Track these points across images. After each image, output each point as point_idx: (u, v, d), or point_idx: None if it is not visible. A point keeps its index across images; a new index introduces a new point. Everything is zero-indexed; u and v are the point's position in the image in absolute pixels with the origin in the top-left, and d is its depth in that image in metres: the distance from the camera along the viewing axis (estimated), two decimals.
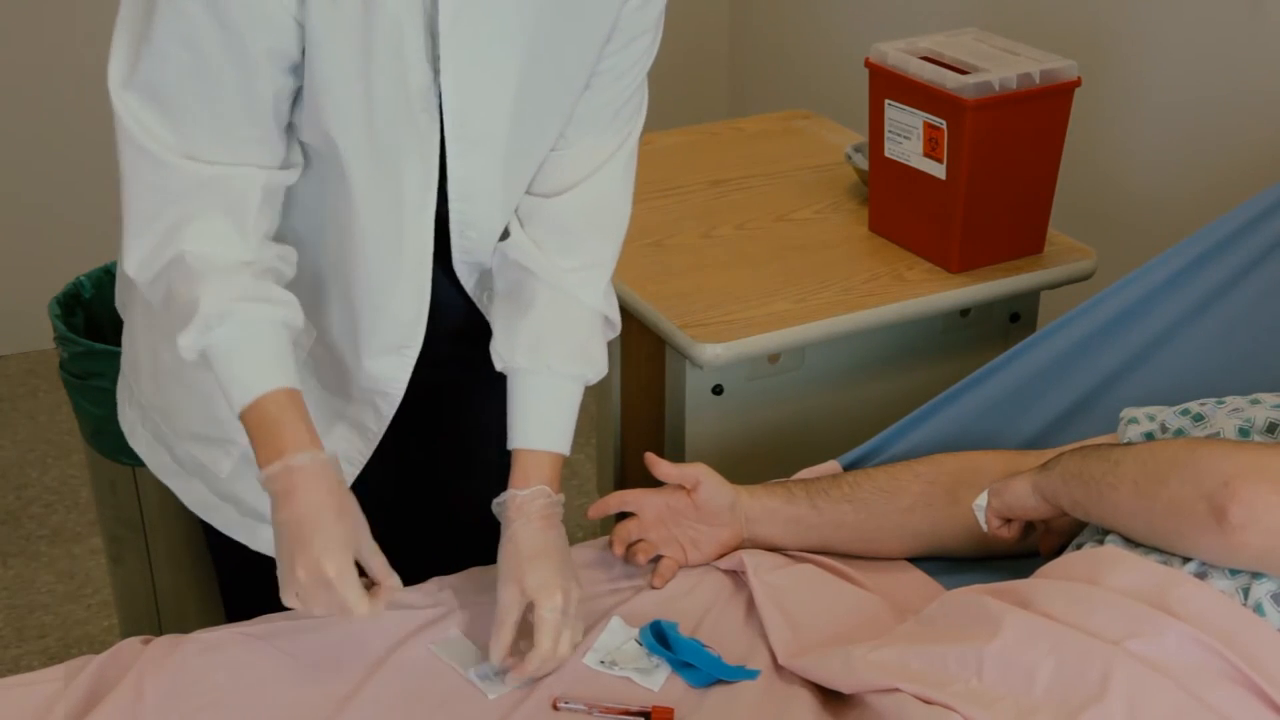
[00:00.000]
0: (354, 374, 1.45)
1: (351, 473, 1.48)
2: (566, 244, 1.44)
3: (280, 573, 1.27)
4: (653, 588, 1.48)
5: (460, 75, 1.29)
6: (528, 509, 1.40)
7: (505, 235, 1.45)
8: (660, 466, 1.51)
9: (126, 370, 1.56)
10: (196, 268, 1.27)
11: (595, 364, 1.46)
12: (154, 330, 1.46)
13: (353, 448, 1.49)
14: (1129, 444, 1.34)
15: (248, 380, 1.29)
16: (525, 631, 1.35)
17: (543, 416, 1.44)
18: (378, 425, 1.48)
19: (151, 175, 1.27)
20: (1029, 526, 1.43)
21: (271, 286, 1.31)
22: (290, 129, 1.32)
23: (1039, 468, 1.38)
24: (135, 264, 1.30)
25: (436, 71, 1.29)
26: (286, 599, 1.27)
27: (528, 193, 1.45)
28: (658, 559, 1.51)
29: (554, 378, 1.43)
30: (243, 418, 1.29)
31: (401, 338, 1.43)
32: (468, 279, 1.47)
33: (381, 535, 1.54)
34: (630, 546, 1.51)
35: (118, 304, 1.62)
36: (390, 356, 1.44)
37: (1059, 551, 1.43)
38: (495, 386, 1.46)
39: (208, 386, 1.41)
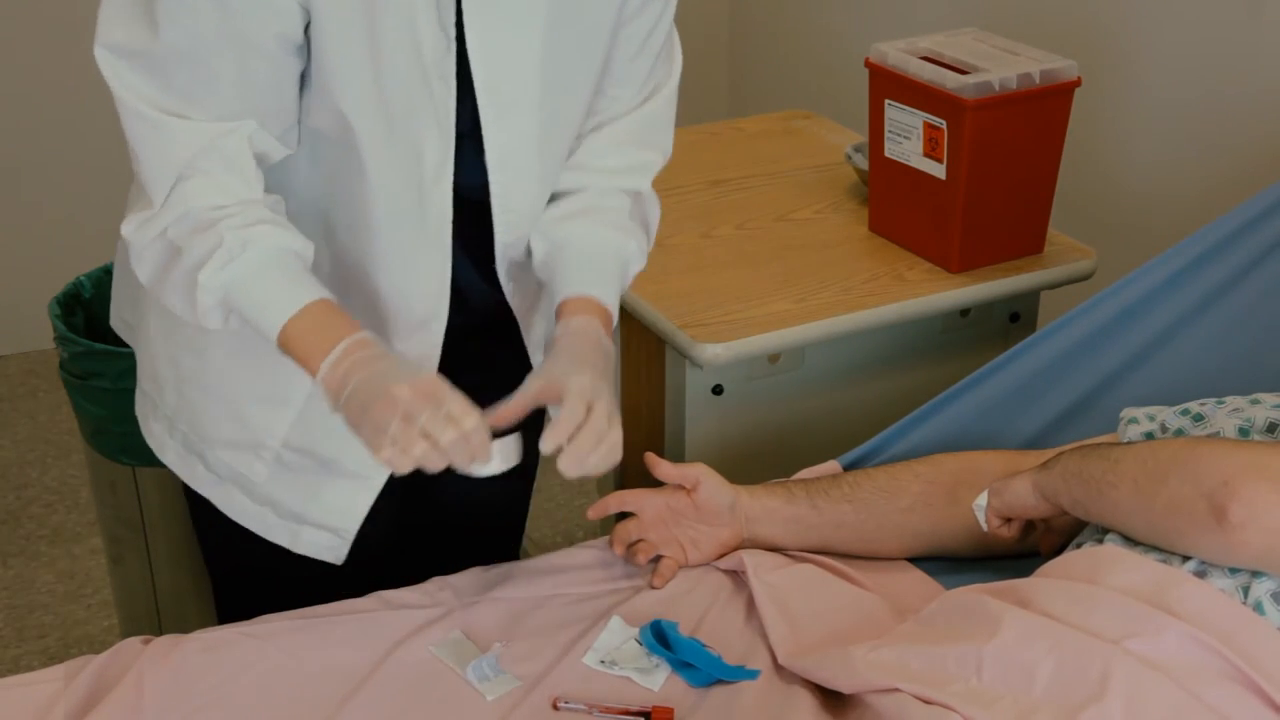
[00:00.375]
0: None
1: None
2: (614, 151, 1.46)
3: (366, 433, 1.22)
4: (652, 587, 1.48)
5: (486, 41, 1.29)
6: (573, 326, 1.36)
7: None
8: (660, 467, 1.51)
9: (147, 386, 1.53)
10: (206, 216, 1.26)
11: (636, 255, 1.45)
12: (174, 338, 1.45)
13: None
14: (1129, 443, 1.34)
15: (281, 301, 1.26)
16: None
17: (585, 269, 1.41)
18: None
19: (150, 135, 1.27)
20: (1029, 526, 1.43)
21: (285, 219, 1.30)
22: (295, 116, 1.32)
23: (1039, 467, 1.38)
24: (136, 223, 1.29)
25: (451, 39, 1.28)
26: (381, 453, 1.20)
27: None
28: (658, 559, 1.51)
29: (595, 242, 1.42)
30: (284, 338, 1.26)
31: (427, 311, 1.42)
32: (502, 264, 1.45)
33: (382, 536, 1.55)
34: (630, 546, 1.51)
35: (115, 323, 1.61)
36: (419, 334, 1.42)
37: (1059, 550, 1.43)
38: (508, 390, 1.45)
39: (233, 389, 1.41)
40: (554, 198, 1.45)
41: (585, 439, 1.27)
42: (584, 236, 1.43)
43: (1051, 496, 1.35)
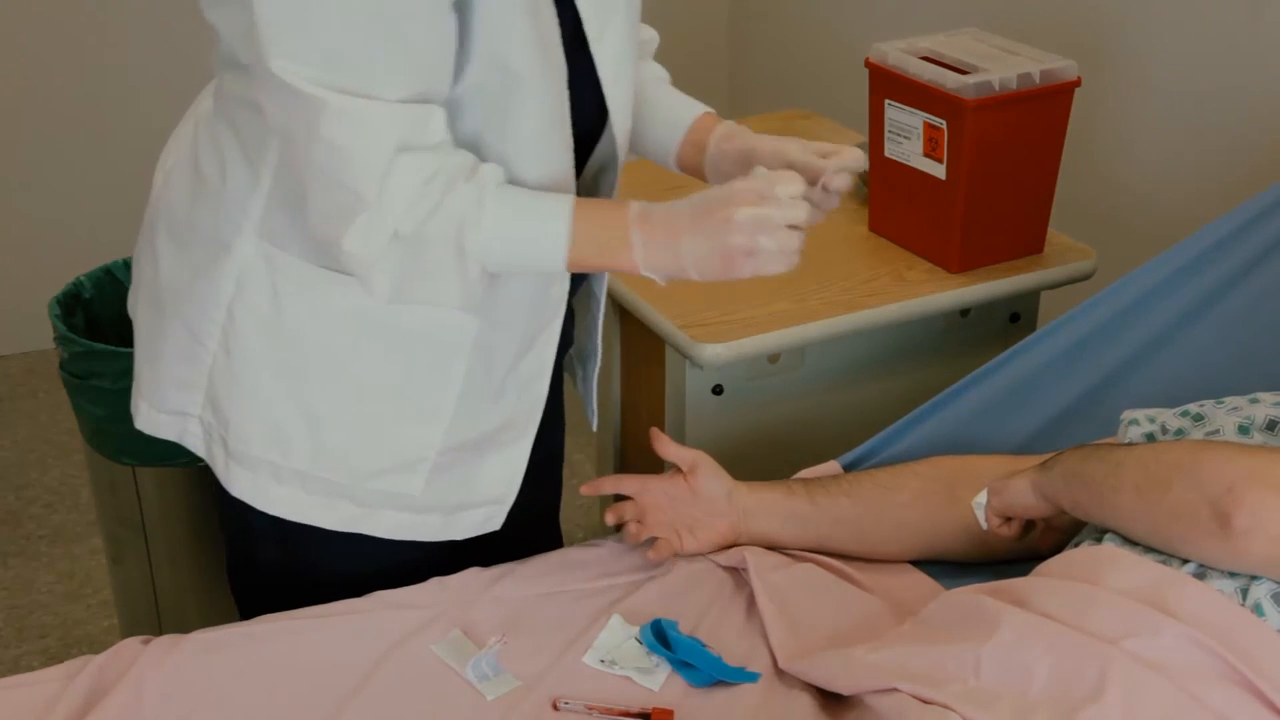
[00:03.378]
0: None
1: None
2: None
3: (742, 268, 1.26)
4: (649, 560, 1.49)
5: None
6: (730, 127, 1.46)
7: None
8: (663, 442, 1.53)
9: (260, 454, 1.40)
10: (431, 195, 1.22)
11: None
12: (303, 393, 1.38)
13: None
14: (1131, 445, 1.34)
15: (548, 227, 1.26)
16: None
17: (679, 100, 1.51)
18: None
19: (353, 129, 1.19)
20: (1029, 524, 1.43)
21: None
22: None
23: (1039, 466, 1.37)
24: (359, 234, 1.22)
25: None
26: (777, 269, 1.26)
27: None
28: (651, 542, 1.52)
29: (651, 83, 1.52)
30: (573, 258, 1.27)
31: None
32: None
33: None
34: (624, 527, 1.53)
35: (160, 418, 1.48)
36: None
37: (1059, 548, 1.43)
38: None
39: (380, 418, 1.38)
40: None
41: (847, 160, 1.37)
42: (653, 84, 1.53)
43: (1051, 497, 1.35)
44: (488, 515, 1.47)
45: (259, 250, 1.34)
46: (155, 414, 1.48)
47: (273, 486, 1.42)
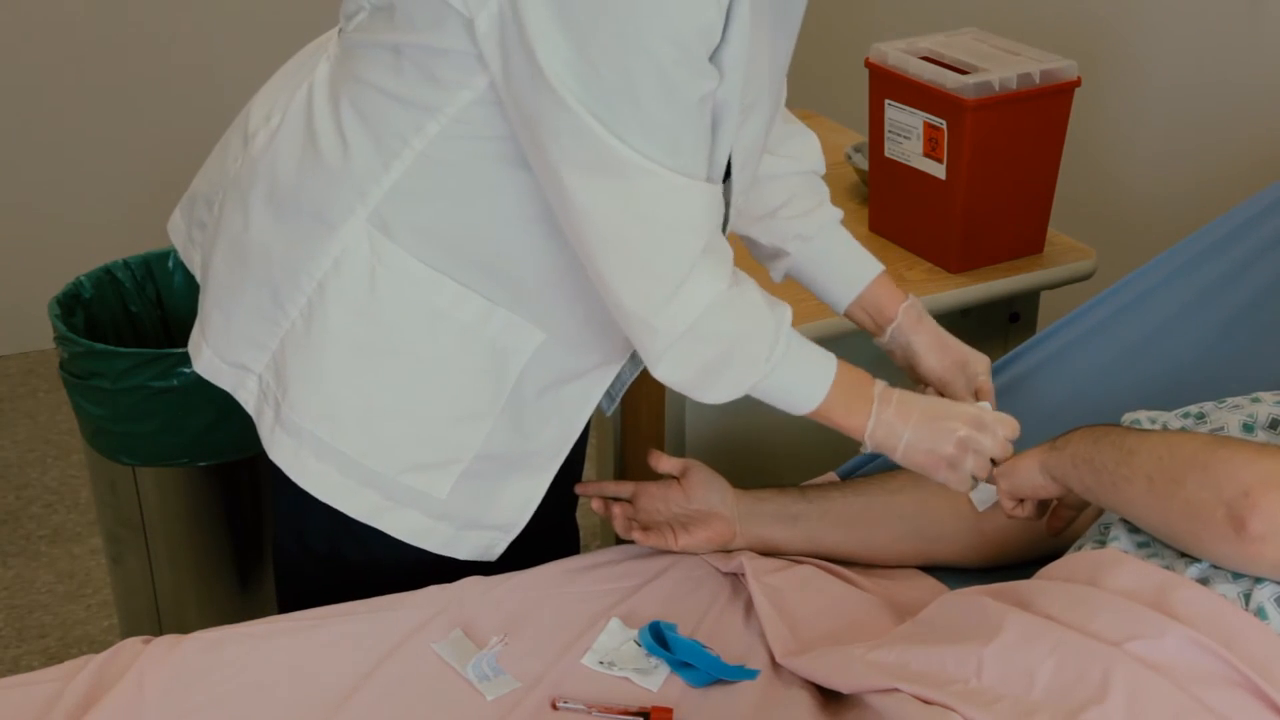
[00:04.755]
0: None
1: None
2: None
3: (943, 475, 1.39)
4: (642, 546, 1.52)
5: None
6: (916, 312, 1.57)
7: None
8: (656, 458, 1.55)
9: (309, 426, 1.40)
10: (739, 295, 1.31)
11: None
12: (364, 374, 1.38)
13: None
14: (1143, 431, 1.32)
15: (817, 372, 1.37)
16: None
17: (855, 254, 1.59)
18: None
19: (674, 208, 1.25)
20: (1043, 504, 1.42)
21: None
22: None
23: (1048, 447, 1.36)
24: (668, 319, 1.29)
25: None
26: (962, 487, 1.39)
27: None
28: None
29: (827, 227, 1.59)
30: (820, 407, 1.37)
31: None
32: None
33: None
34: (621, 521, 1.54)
35: (214, 367, 1.47)
36: None
37: (1071, 531, 1.43)
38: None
39: (429, 413, 1.39)
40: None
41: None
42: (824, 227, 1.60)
43: (1060, 478, 1.34)
44: (492, 541, 1.48)
45: (366, 235, 1.34)
46: (218, 362, 1.47)
47: (311, 460, 1.42)
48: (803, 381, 1.37)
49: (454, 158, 1.30)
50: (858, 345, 1.91)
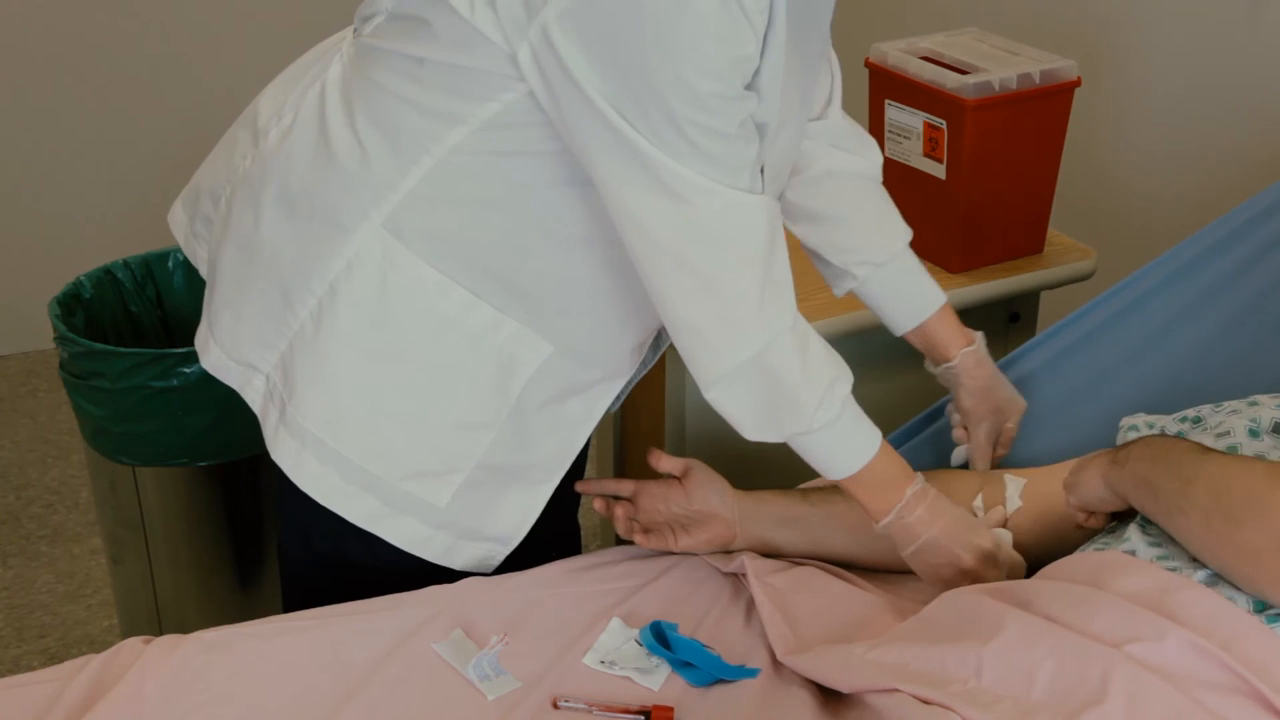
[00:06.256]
0: None
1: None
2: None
3: (935, 584, 1.43)
4: (641, 547, 1.52)
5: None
6: (975, 359, 1.60)
7: None
8: (656, 457, 1.54)
9: (313, 428, 1.40)
10: (799, 328, 1.34)
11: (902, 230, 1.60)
12: (373, 377, 1.38)
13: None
14: (1202, 451, 1.28)
15: (861, 446, 1.39)
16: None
17: (919, 286, 1.60)
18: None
19: (738, 224, 1.28)
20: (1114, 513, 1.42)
21: None
22: None
23: (1109, 460, 1.35)
24: (732, 347, 1.32)
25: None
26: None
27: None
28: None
29: (899, 255, 1.59)
30: (851, 480, 1.39)
31: None
32: None
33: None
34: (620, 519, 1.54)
35: (220, 362, 1.48)
36: None
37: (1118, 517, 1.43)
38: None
39: (435, 418, 1.39)
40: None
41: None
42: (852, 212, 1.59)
43: (1122, 495, 1.34)
44: (489, 552, 1.48)
45: (379, 240, 1.34)
46: (226, 360, 1.47)
47: (312, 462, 1.41)
48: (841, 450, 1.39)
49: (473, 168, 1.30)
50: (875, 340, 1.92)
